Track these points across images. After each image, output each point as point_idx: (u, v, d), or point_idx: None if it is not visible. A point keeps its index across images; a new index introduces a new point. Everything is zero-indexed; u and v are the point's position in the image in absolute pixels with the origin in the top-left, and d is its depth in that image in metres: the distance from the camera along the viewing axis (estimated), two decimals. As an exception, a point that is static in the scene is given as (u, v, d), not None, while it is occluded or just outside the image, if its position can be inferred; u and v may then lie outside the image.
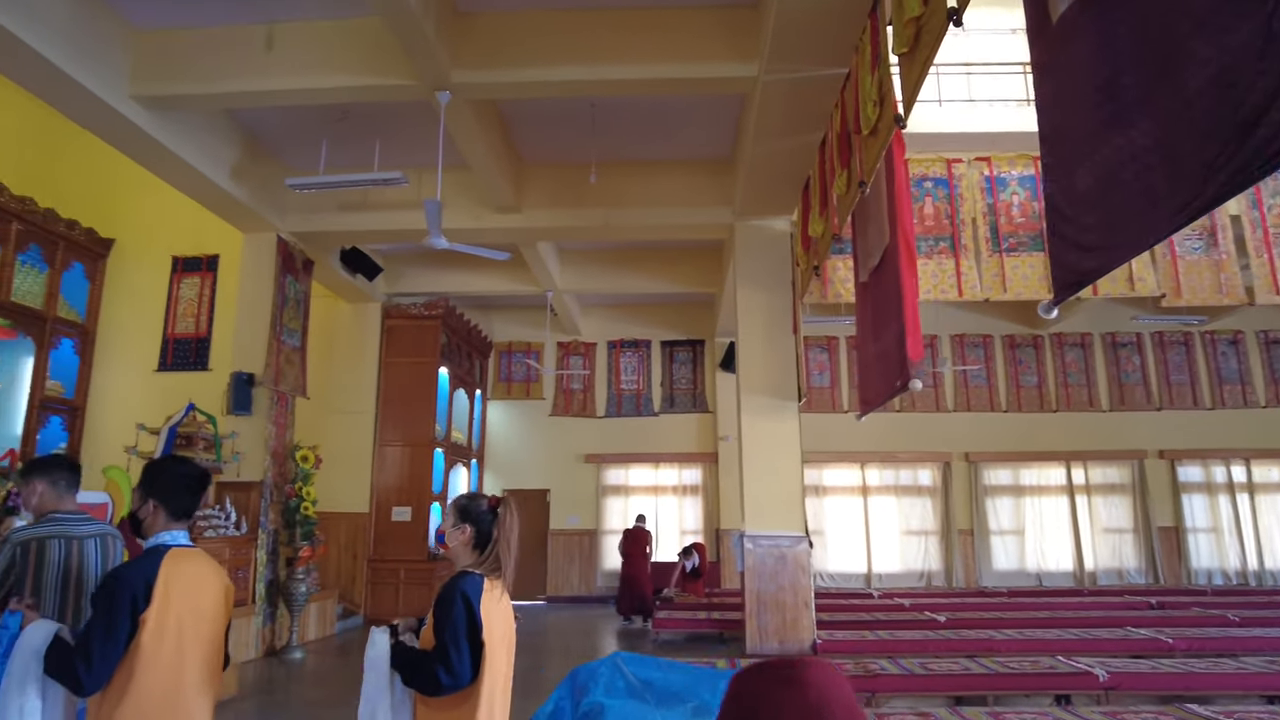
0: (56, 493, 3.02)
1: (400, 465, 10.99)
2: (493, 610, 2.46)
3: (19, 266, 9.95)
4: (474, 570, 2.51)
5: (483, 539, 2.56)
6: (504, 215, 8.73)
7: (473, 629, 2.38)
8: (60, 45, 5.60)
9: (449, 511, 2.63)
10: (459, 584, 2.44)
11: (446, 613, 2.37)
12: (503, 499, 2.63)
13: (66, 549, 2.93)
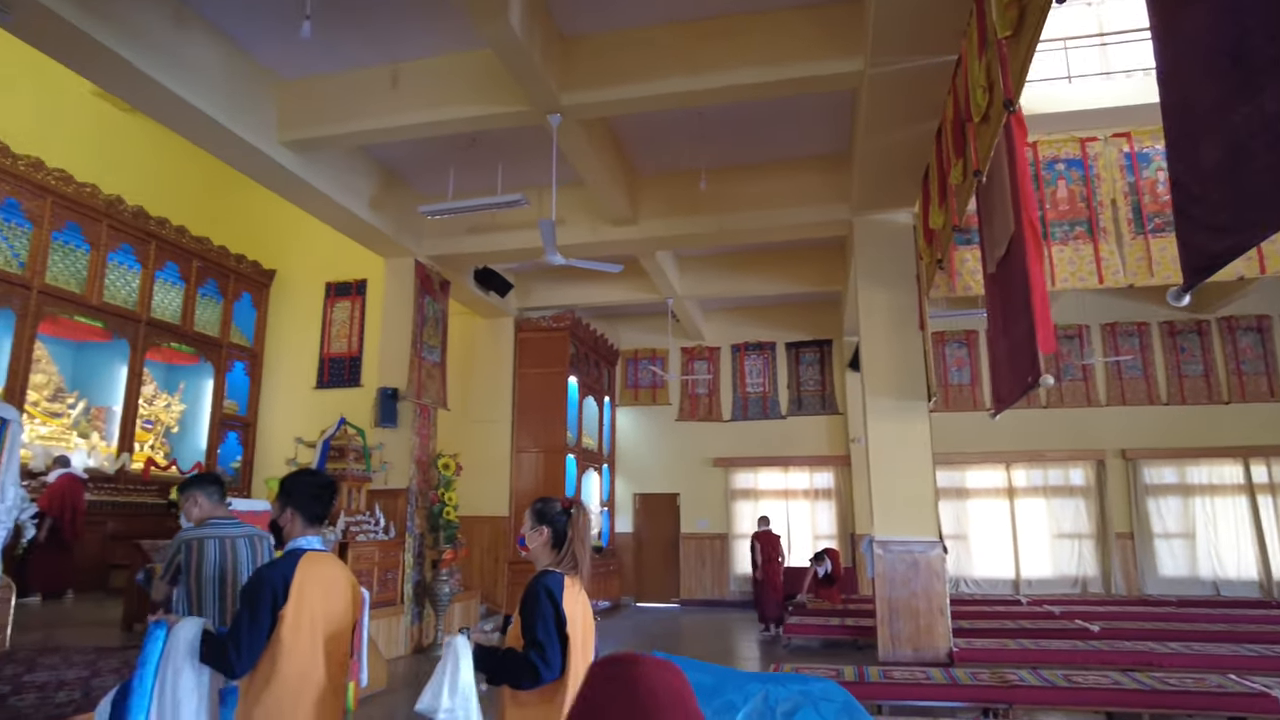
0: (211, 502, 3.49)
1: (535, 470, 11.45)
2: (574, 605, 2.58)
3: (199, 299, 11.18)
4: (554, 569, 2.64)
5: (559, 539, 2.69)
6: (620, 227, 8.95)
7: (560, 623, 2.51)
8: (218, 101, 6.28)
9: (527, 515, 2.78)
10: (542, 581, 2.58)
11: (534, 609, 2.51)
12: (574, 501, 2.76)
13: (221, 547, 3.40)
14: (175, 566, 3.30)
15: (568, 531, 2.71)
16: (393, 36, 6.52)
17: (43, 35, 5.27)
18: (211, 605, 3.28)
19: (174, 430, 11.09)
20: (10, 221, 8.69)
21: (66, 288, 9.16)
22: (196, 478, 3.62)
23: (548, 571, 2.65)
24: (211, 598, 3.29)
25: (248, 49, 6.65)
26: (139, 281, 10.15)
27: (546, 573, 2.65)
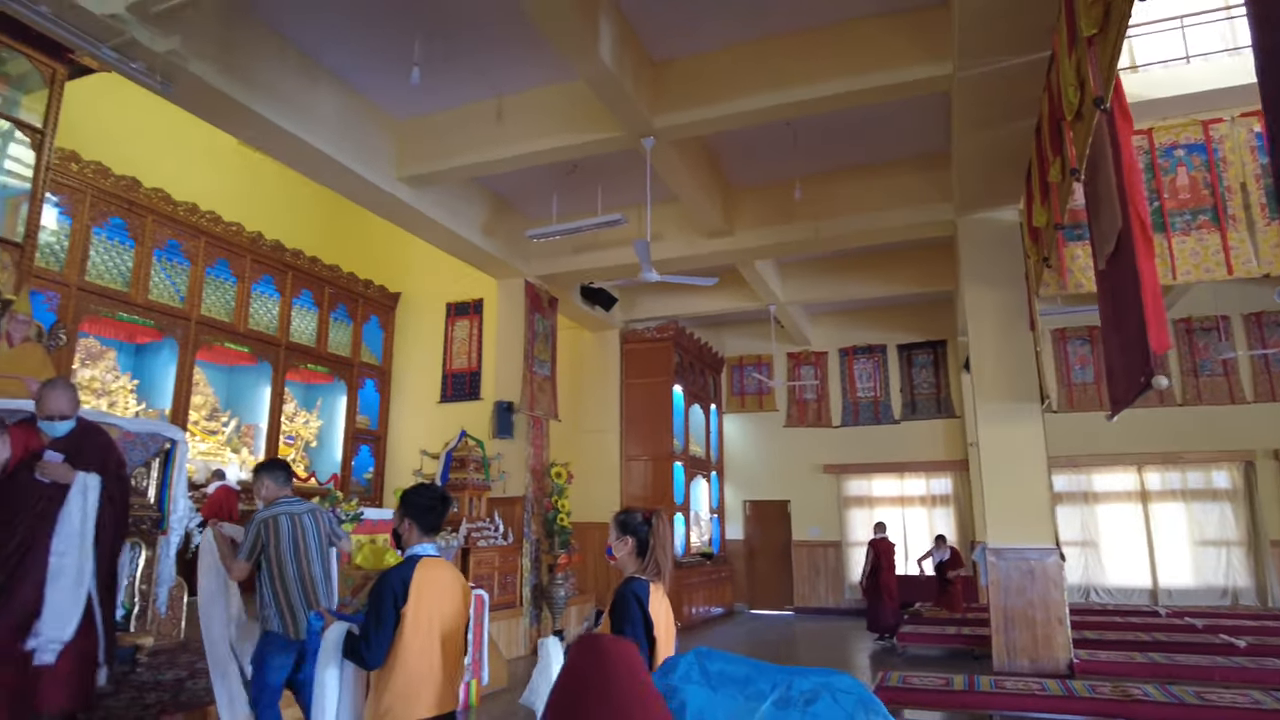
0: (277, 484, 4.09)
1: (644, 478, 11.74)
2: (658, 609, 2.78)
3: (332, 323, 12.10)
4: (639, 575, 2.85)
5: (642, 548, 2.90)
6: (716, 239, 9.11)
7: (646, 626, 2.71)
8: (341, 145, 6.90)
9: (611, 526, 3.00)
10: (630, 587, 2.79)
11: (622, 613, 2.73)
12: (655, 511, 2.95)
13: (291, 522, 3.99)
14: (259, 546, 3.86)
15: (650, 540, 2.92)
16: (496, 73, 6.96)
17: (196, 101, 5.99)
18: (291, 572, 3.89)
19: (313, 445, 12.03)
20: (173, 261, 9.75)
21: (218, 317, 10.17)
22: (263, 464, 4.24)
23: (634, 578, 2.87)
24: (291, 566, 3.89)
25: (366, 95, 7.26)
26: (278, 309, 11.12)
27: (633, 579, 2.87)
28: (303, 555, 3.96)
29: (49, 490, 3.29)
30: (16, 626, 3.12)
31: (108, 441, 3.59)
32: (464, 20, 6.20)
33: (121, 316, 9.13)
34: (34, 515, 3.21)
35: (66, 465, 3.33)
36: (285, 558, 3.90)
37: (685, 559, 11.65)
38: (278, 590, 3.86)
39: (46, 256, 8.32)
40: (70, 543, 3.21)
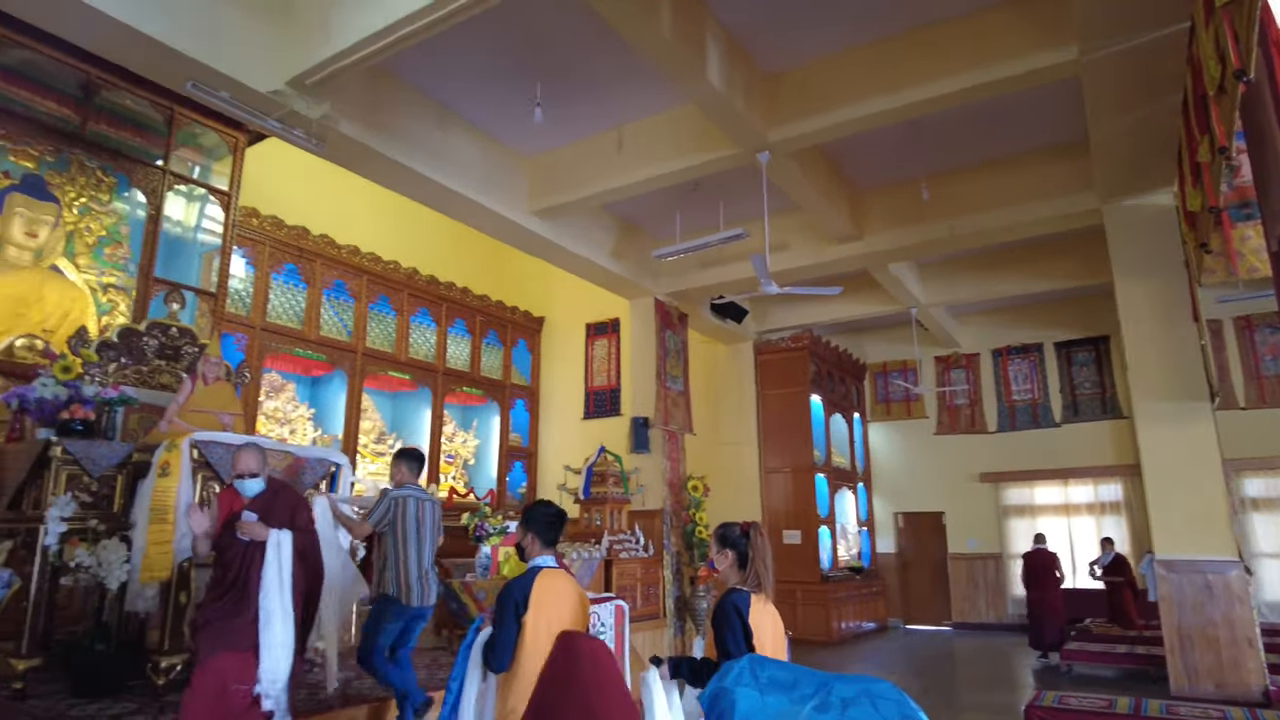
0: (411, 472, 4.78)
1: (785, 490, 11.66)
2: (760, 620, 2.85)
3: (484, 348, 12.88)
4: (741, 587, 2.93)
5: (742, 560, 2.98)
6: (845, 245, 8.98)
7: (746, 635, 2.80)
8: (476, 185, 7.44)
9: (712, 540, 3.10)
10: (730, 599, 2.89)
11: (723, 624, 2.83)
12: (753, 524, 3.03)
13: (417, 505, 4.62)
14: (387, 517, 4.51)
15: (749, 553, 3.01)
16: (614, 105, 7.28)
17: (348, 157, 6.68)
18: (413, 543, 4.52)
19: (470, 463, 12.83)
20: (339, 299, 10.78)
21: (381, 348, 11.11)
22: (401, 451, 4.90)
23: (735, 590, 2.97)
24: (413, 538, 4.52)
25: (497, 137, 7.78)
26: (435, 338, 11.98)
27: (734, 591, 2.97)
28: (423, 534, 4.58)
29: (250, 545, 3.68)
30: (238, 666, 3.49)
31: (296, 500, 3.95)
32: (580, 60, 6.54)
33: (298, 352, 10.19)
34: (243, 566, 3.64)
35: (261, 524, 3.69)
36: (409, 534, 4.50)
37: (832, 573, 11.44)
38: (399, 559, 4.45)
39: (235, 303, 9.45)
40: (271, 593, 3.60)
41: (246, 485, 3.86)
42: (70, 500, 4.40)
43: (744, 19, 6.17)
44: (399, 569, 4.45)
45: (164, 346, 6.26)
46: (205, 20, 5.38)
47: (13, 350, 7.15)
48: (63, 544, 4.33)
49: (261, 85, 5.71)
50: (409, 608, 4.45)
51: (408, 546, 4.48)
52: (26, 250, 7.69)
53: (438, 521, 4.80)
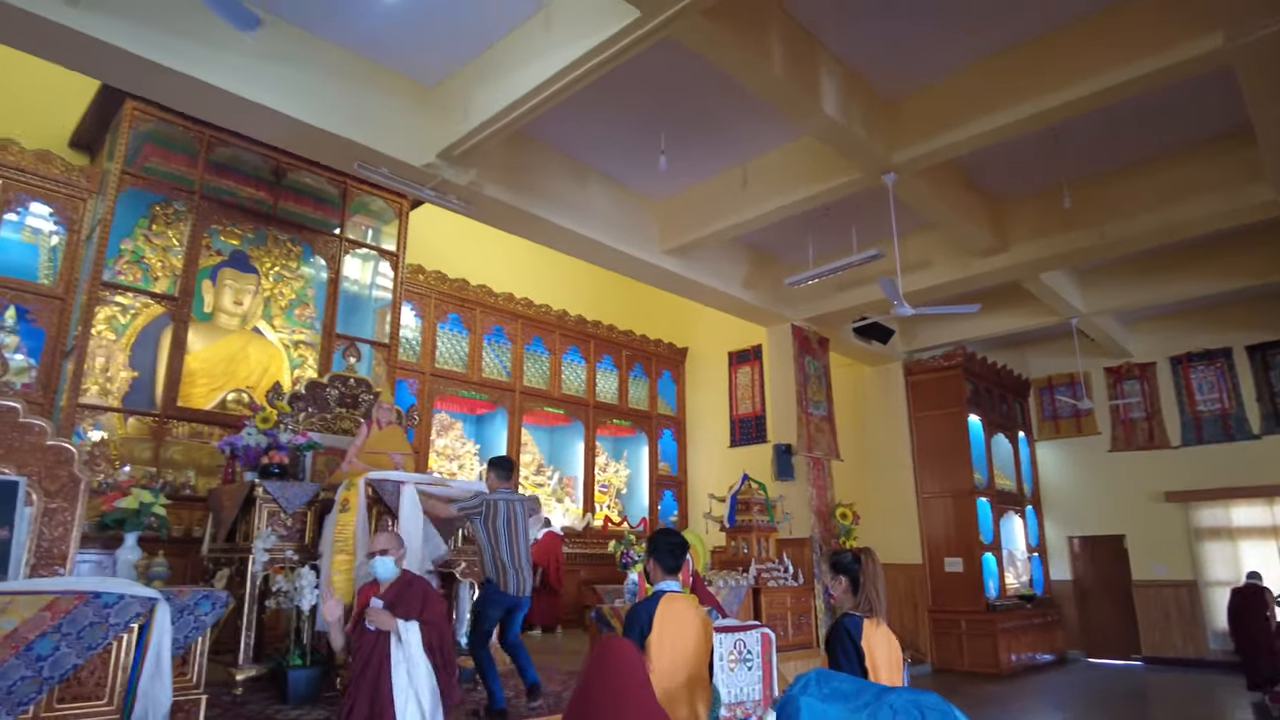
0: (499, 478, 5.40)
1: (945, 516, 11.21)
2: (873, 642, 2.92)
3: (630, 381, 13.36)
4: (853, 612, 3.02)
5: (855, 585, 3.06)
6: (990, 258, 8.67)
7: (859, 658, 2.88)
8: (611, 231, 7.88)
9: (825, 567, 3.20)
10: (843, 623, 2.98)
11: (836, 647, 2.94)
12: (864, 550, 3.10)
13: (508, 505, 5.25)
14: (474, 510, 5.20)
15: (860, 578, 3.09)
16: (736, 145, 7.51)
17: (495, 216, 7.32)
18: (505, 538, 5.15)
19: (623, 492, 13.29)
20: (498, 342, 11.60)
21: (537, 386, 11.82)
22: (492, 460, 5.50)
23: (848, 614, 3.06)
24: (505, 534, 5.15)
25: (628, 184, 8.21)
26: (585, 374, 12.60)
27: (846, 615, 3.06)
28: (514, 529, 5.23)
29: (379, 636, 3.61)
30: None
31: (426, 592, 3.81)
32: (701, 105, 6.83)
33: (463, 393, 11.05)
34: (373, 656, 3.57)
35: (387, 613, 3.63)
36: (501, 529, 5.16)
37: (999, 602, 10.85)
38: (494, 551, 5.13)
39: (407, 351, 10.42)
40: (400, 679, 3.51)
41: (376, 565, 3.80)
42: (271, 533, 5.12)
43: (859, 50, 6.23)
44: (494, 559, 5.09)
45: (344, 396, 7.07)
46: (365, 111, 6.14)
47: (225, 403, 8.29)
48: (266, 571, 5.04)
49: (416, 160, 6.42)
50: (506, 594, 5.05)
51: (500, 540, 5.13)
52: (235, 316, 8.93)
53: (529, 516, 5.48)
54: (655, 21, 4.95)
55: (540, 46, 5.66)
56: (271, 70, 5.65)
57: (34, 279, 7.54)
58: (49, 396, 7.16)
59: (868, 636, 2.98)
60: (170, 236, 8.23)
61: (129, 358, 7.90)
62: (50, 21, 4.69)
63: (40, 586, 3.07)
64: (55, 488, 4.16)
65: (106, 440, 7.20)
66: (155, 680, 3.10)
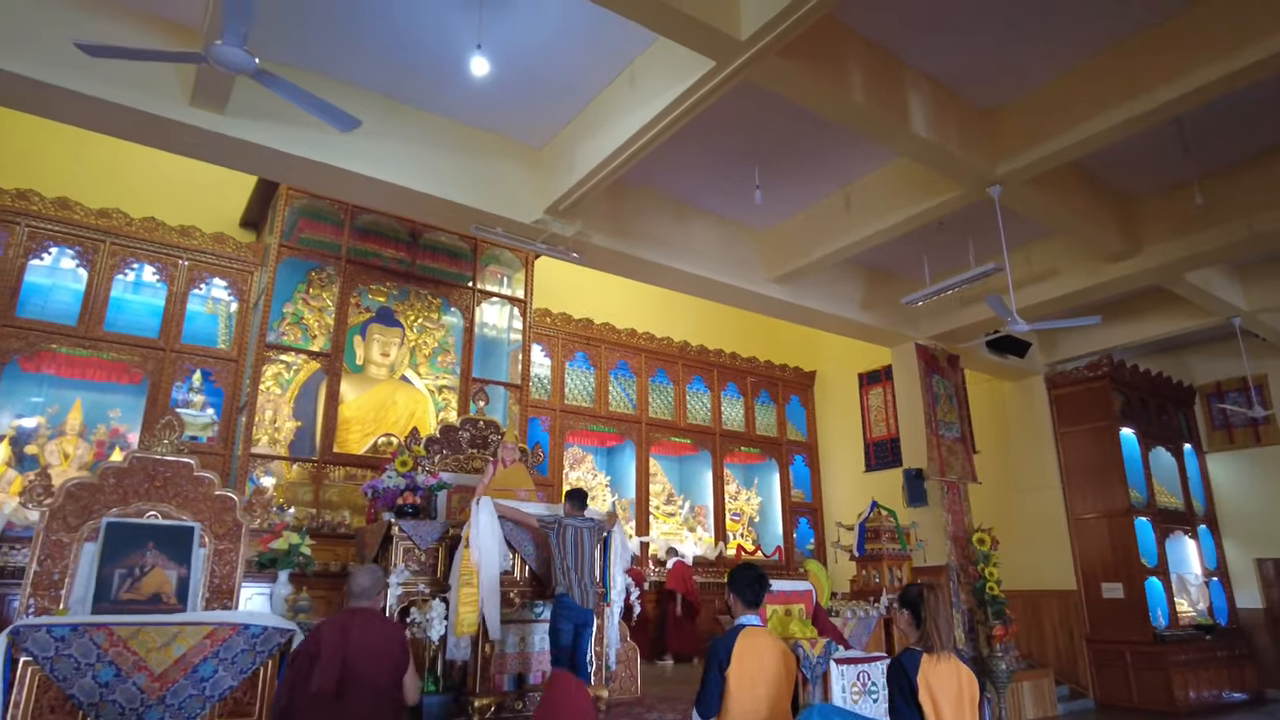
0: (573, 506, 5.88)
1: (1099, 538, 10.45)
2: (932, 677, 2.92)
3: (757, 407, 13.38)
4: (914, 647, 3.02)
5: (918, 619, 3.06)
6: (1121, 263, 8.14)
7: (912, 693, 2.89)
8: (716, 265, 8.10)
9: (894, 604, 3.21)
10: (900, 658, 3.00)
11: (891, 682, 2.96)
12: (927, 584, 3.09)
13: (575, 531, 5.73)
14: (549, 528, 5.72)
15: (922, 612, 3.10)
16: (834, 171, 7.54)
17: (603, 262, 7.73)
18: (573, 557, 5.61)
19: (755, 520, 13.26)
20: (623, 376, 12.00)
21: (662, 417, 12.11)
22: (568, 493, 6.04)
23: (907, 650, 3.08)
24: (572, 553, 5.63)
25: (731, 218, 8.39)
26: (709, 402, 12.75)
27: (905, 651, 3.08)
28: (581, 552, 5.70)
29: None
30: None
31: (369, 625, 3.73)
32: (795, 136, 6.92)
33: (592, 427, 11.50)
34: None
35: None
36: (569, 550, 5.64)
37: (1170, 632, 9.94)
38: (563, 568, 5.57)
39: (538, 389, 11.01)
40: None
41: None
42: (404, 568, 5.64)
43: (949, 66, 6.14)
44: (564, 574, 5.57)
45: (474, 437, 7.61)
46: (478, 176, 6.71)
47: (376, 447, 9.11)
48: (403, 604, 5.55)
49: (526, 217, 6.91)
50: (576, 608, 5.47)
51: (568, 559, 5.61)
52: (383, 366, 9.81)
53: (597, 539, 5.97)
54: (730, 68, 5.17)
55: (629, 102, 6.00)
56: (393, 149, 6.32)
57: (214, 345, 8.65)
58: (228, 448, 8.19)
59: (925, 672, 2.98)
60: (325, 298, 9.21)
61: (293, 409, 8.88)
62: (205, 130, 5.51)
63: (202, 619, 3.63)
64: (222, 531, 4.82)
65: (276, 485, 8.14)
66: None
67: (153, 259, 8.33)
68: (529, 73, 6.17)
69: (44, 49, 5.03)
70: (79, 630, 3.27)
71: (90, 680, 3.21)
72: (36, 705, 3.16)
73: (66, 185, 8.13)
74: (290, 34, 5.71)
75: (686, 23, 4.76)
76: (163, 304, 8.35)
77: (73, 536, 4.29)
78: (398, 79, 6.26)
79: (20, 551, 6.50)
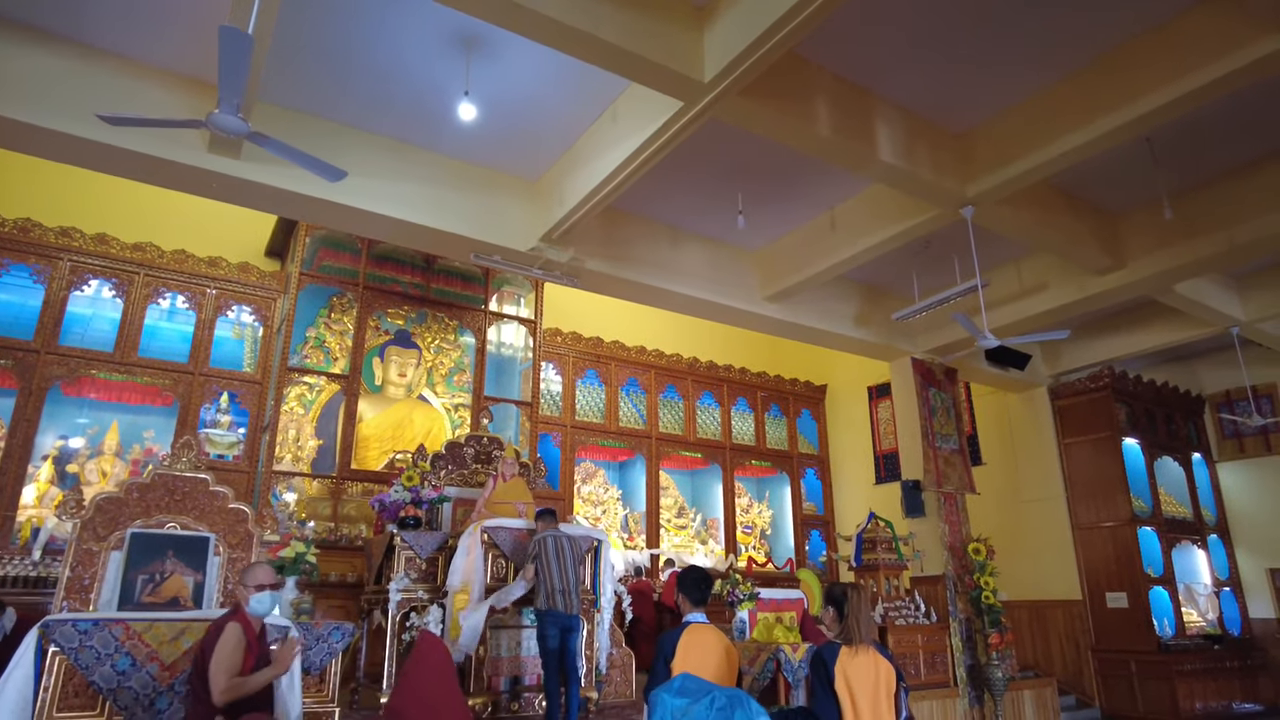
0: (545, 524, 6.22)
1: (1103, 548, 10.52)
2: (849, 668, 3.24)
3: (767, 421, 13.64)
4: (834, 640, 3.35)
5: (841, 615, 3.39)
6: (1109, 276, 8.32)
7: (829, 682, 3.21)
8: (709, 286, 8.47)
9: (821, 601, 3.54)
10: (819, 651, 3.33)
11: (811, 673, 3.28)
12: (853, 585, 3.42)
13: (555, 540, 6.07)
14: (535, 554, 5.99)
15: (845, 609, 3.42)
16: (819, 194, 7.86)
17: (598, 285, 8.15)
18: (555, 567, 5.93)
19: (768, 532, 13.49)
20: (633, 393, 12.38)
21: (672, 432, 12.44)
22: (538, 513, 6.38)
23: (828, 643, 3.40)
24: (555, 563, 5.95)
25: (722, 240, 8.75)
26: (719, 417, 13.06)
27: (826, 644, 3.40)
28: (564, 561, 6.01)
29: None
30: None
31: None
32: (779, 162, 7.24)
33: (603, 442, 11.88)
34: None
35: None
36: (551, 561, 5.96)
37: (1175, 641, 9.98)
38: (546, 580, 5.88)
39: (550, 406, 11.43)
40: None
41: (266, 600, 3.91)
42: (404, 576, 6.06)
43: (919, 94, 6.43)
44: (547, 586, 5.84)
45: (479, 453, 8.05)
46: (476, 209, 7.18)
47: (393, 464, 9.57)
48: (403, 609, 5.97)
49: (522, 245, 7.36)
50: (557, 614, 5.79)
51: (552, 570, 5.93)
52: (400, 386, 10.32)
53: (579, 552, 6.30)
54: (697, 108, 5.55)
55: (611, 137, 6.42)
56: (395, 186, 6.81)
57: (240, 368, 9.23)
58: (253, 465, 8.72)
59: (843, 663, 3.30)
60: (346, 323, 9.76)
61: (315, 428, 9.41)
62: (224, 175, 6.05)
63: (205, 616, 4.07)
64: (236, 541, 5.29)
65: (298, 500, 8.65)
66: (289, 691, 3.98)
67: (183, 288, 8.95)
68: (518, 114, 6.62)
69: (80, 109, 5.60)
70: (100, 624, 3.73)
71: (109, 669, 3.66)
72: (63, 690, 3.62)
73: (104, 222, 8.78)
74: (297, 80, 6.23)
75: (651, 68, 5.16)
76: (192, 330, 8.95)
77: (101, 545, 4.78)
78: (398, 121, 6.76)
79: (60, 562, 7.07)
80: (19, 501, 7.65)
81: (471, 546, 6.15)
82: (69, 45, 5.76)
